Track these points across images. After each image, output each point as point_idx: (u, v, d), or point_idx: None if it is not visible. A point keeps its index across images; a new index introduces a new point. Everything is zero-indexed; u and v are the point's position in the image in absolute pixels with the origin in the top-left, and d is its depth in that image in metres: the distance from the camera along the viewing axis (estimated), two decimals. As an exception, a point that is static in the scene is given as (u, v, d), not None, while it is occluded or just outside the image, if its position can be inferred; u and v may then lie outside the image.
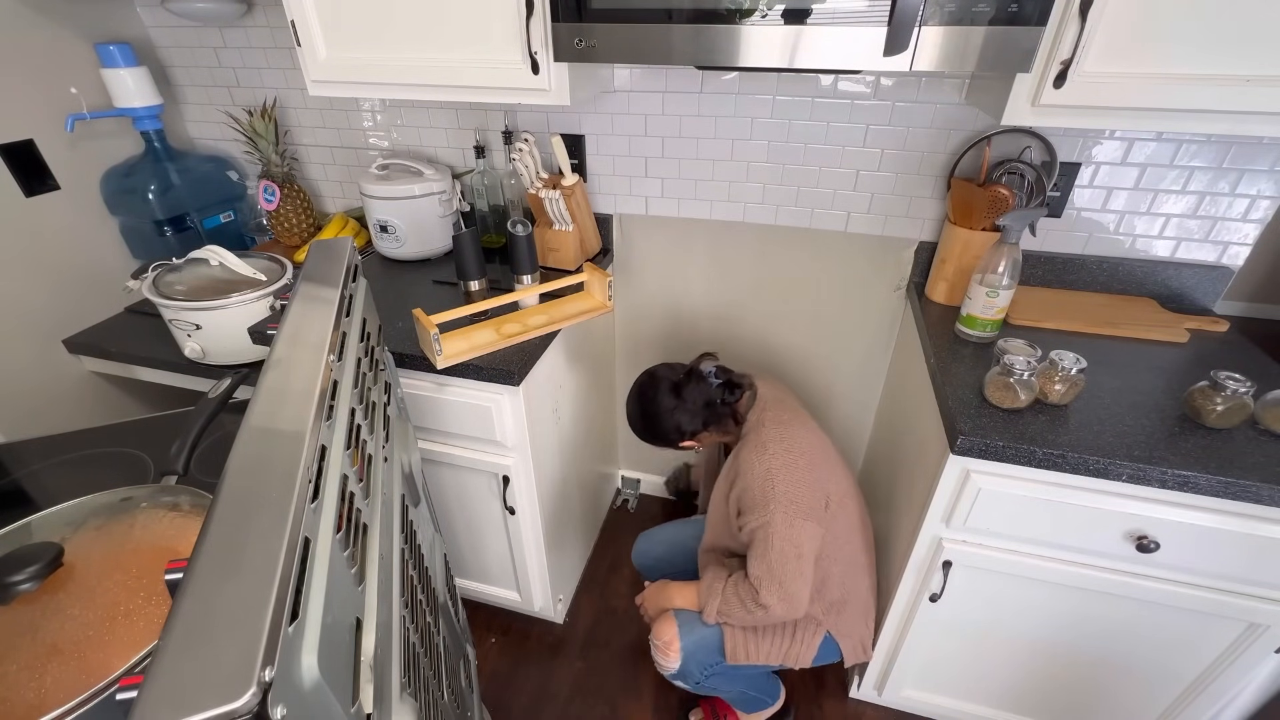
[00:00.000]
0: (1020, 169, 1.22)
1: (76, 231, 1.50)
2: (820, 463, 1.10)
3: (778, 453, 1.06)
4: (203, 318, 1.22)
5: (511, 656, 1.59)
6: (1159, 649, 1.08)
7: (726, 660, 1.15)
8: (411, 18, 1.10)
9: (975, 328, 1.16)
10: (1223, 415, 0.93)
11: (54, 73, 1.39)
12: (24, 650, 0.54)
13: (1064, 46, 0.87)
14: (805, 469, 1.06)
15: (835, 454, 1.17)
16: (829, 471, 1.12)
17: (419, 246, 1.51)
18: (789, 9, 0.89)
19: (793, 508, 1.03)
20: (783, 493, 1.03)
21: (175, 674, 0.32)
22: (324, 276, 0.73)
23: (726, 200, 1.48)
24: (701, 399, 1.12)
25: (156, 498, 0.74)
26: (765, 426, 1.10)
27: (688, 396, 1.12)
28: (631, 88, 1.39)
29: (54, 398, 1.46)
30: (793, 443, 1.08)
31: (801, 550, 1.03)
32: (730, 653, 1.15)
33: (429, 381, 1.19)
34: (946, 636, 1.20)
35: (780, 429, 1.09)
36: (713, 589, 1.12)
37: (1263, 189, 1.17)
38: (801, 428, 1.12)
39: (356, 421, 0.61)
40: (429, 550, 0.91)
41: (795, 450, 1.07)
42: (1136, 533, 0.95)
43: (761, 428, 1.10)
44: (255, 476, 0.45)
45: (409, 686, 0.60)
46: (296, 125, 1.67)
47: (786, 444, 1.07)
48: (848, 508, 1.15)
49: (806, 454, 1.08)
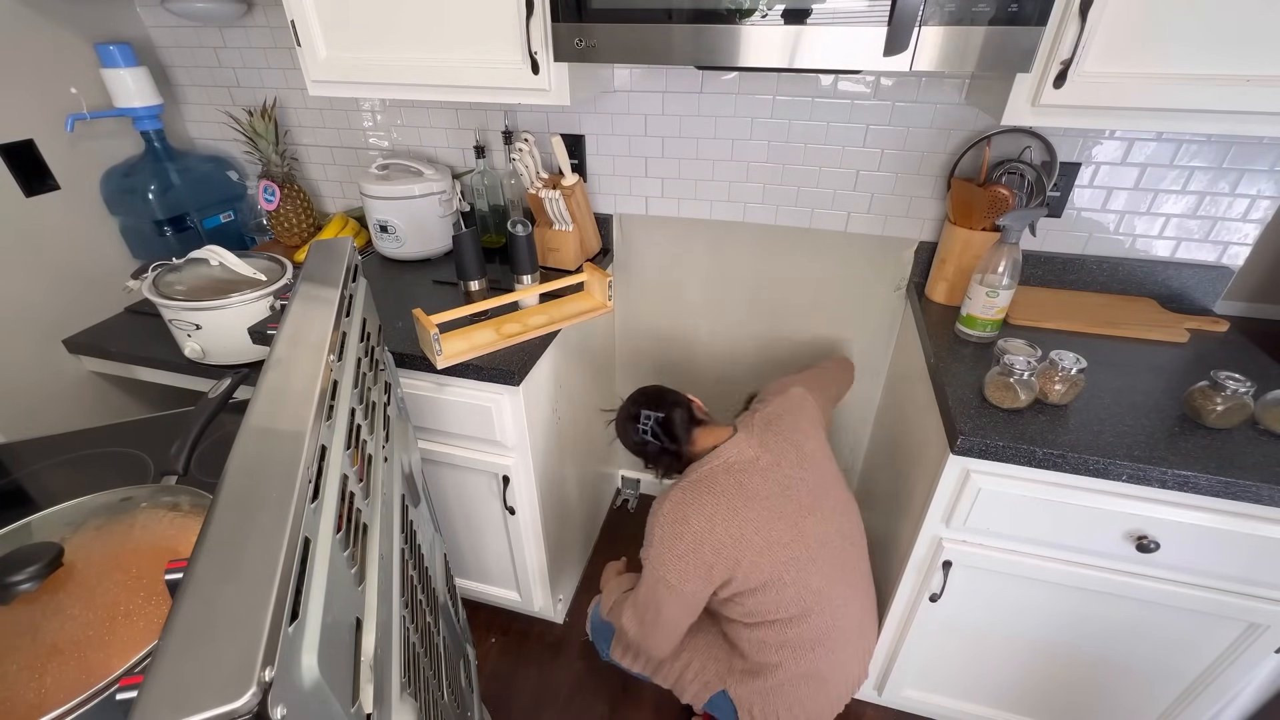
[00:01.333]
0: (1020, 169, 1.22)
1: (76, 231, 1.50)
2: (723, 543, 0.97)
3: (666, 521, 1.00)
4: (203, 318, 1.22)
5: (511, 656, 1.59)
6: (1159, 649, 1.08)
7: (610, 652, 1.24)
8: (412, 18, 1.10)
9: (975, 328, 1.16)
10: (1223, 415, 0.93)
11: (54, 73, 1.39)
12: (24, 650, 0.54)
13: (1064, 46, 0.87)
14: (688, 547, 0.97)
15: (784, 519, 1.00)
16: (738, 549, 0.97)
17: (419, 246, 1.51)
18: (789, 9, 0.89)
19: (659, 569, 1.00)
20: (655, 555, 1.00)
21: (175, 674, 0.32)
22: (324, 276, 0.73)
23: (726, 200, 1.48)
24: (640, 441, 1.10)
25: (156, 498, 0.74)
26: (680, 488, 1.02)
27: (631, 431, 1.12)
28: (631, 88, 1.39)
29: (54, 397, 1.47)
30: (687, 518, 0.98)
31: (660, 610, 1.02)
32: (613, 647, 1.23)
33: (429, 381, 1.19)
34: (946, 636, 1.20)
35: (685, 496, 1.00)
36: (617, 587, 1.17)
37: (1263, 189, 1.17)
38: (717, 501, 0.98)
39: (356, 421, 0.61)
40: (429, 550, 0.91)
41: (683, 526, 0.98)
42: (1136, 533, 0.95)
43: (680, 485, 1.02)
44: (255, 476, 0.45)
45: (409, 686, 0.60)
46: (296, 125, 1.67)
47: (678, 515, 0.99)
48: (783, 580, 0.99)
49: (694, 535, 0.97)
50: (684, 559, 0.98)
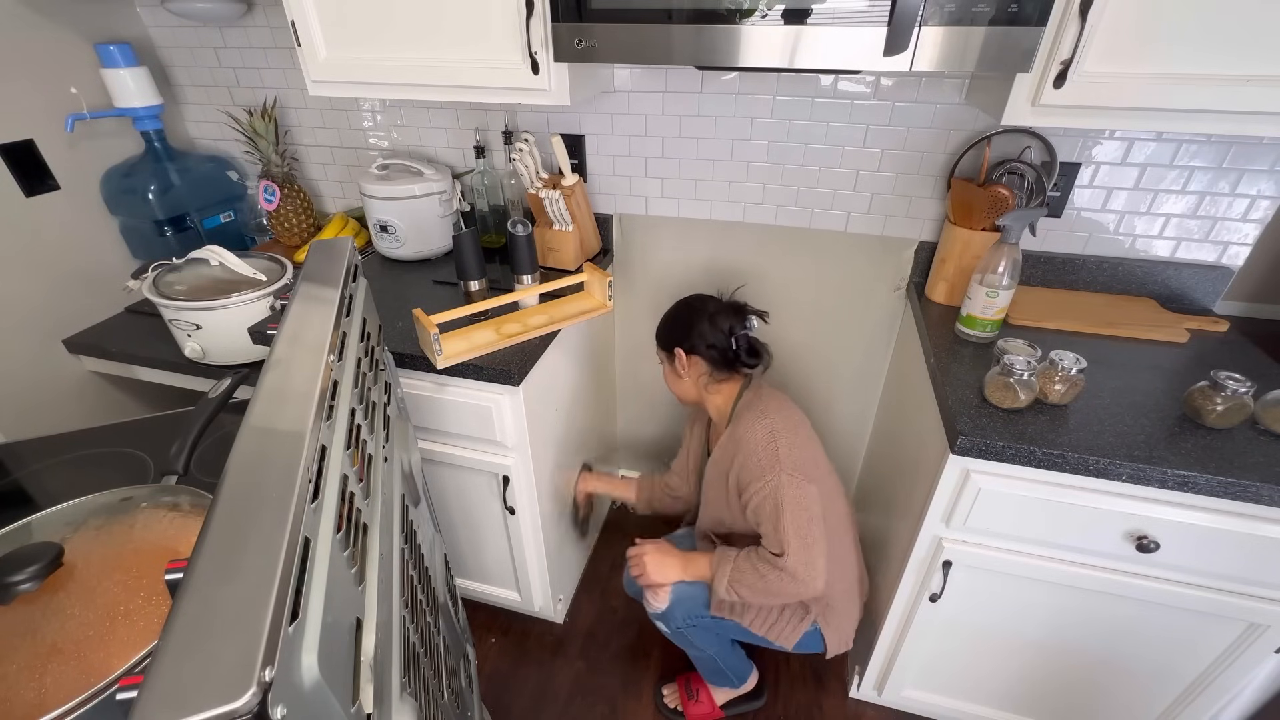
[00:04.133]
0: (1020, 169, 1.22)
1: (76, 231, 1.50)
2: (816, 445, 1.15)
3: (779, 418, 1.10)
4: (203, 318, 1.22)
5: (511, 656, 1.59)
6: (1159, 649, 1.08)
7: (710, 612, 1.19)
8: (412, 18, 1.10)
9: (975, 328, 1.16)
10: (1223, 415, 0.93)
11: (54, 73, 1.39)
12: (24, 650, 0.54)
13: (1064, 46, 0.87)
14: (806, 437, 1.12)
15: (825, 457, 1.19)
16: (824, 461, 1.16)
17: (419, 246, 1.51)
18: (789, 9, 0.89)
19: (798, 471, 1.05)
20: (785, 455, 1.05)
21: (175, 674, 0.32)
22: (324, 276, 0.73)
23: (726, 200, 1.48)
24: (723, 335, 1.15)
25: (156, 498, 0.74)
26: (763, 399, 1.14)
27: (719, 324, 1.15)
28: (631, 88, 1.39)
29: (54, 397, 1.47)
30: (791, 412, 1.14)
31: (812, 512, 1.04)
32: (715, 605, 1.17)
33: (429, 381, 1.19)
34: (946, 636, 1.20)
35: (777, 401, 1.15)
36: (724, 560, 1.11)
37: (1263, 189, 1.17)
38: (797, 410, 1.17)
39: (356, 421, 0.61)
40: (429, 550, 0.91)
41: (794, 419, 1.13)
42: (1136, 533, 0.95)
43: (759, 400, 1.14)
44: (255, 476, 0.45)
45: (409, 686, 0.60)
46: (296, 125, 1.67)
47: (785, 413, 1.13)
48: (837, 505, 1.18)
49: (805, 426, 1.14)
50: (808, 444, 1.12)
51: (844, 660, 1.55)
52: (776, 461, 1.04)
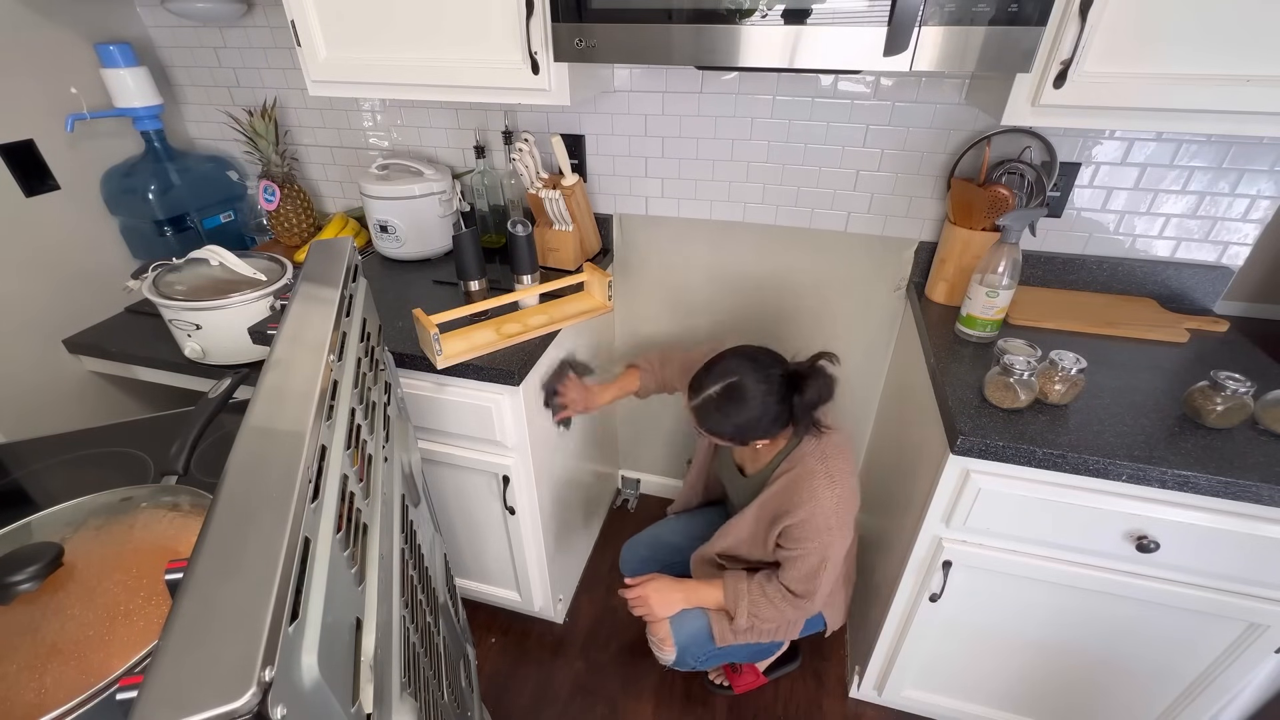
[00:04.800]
0: (1020, 169, 1.22)
1: (76, 231, 1.50)
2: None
3: (844, 486, 1.06)
4: (203, 318, 1.22)
5: (511, 656, 1.59)
6: (1159, 649, 1.08)
7: (716, 644, 1.21)
8: (411, 18, 1.10)
9: (975, 328, 1.16)
10: (1223, 415, 0.93)
11: (54, 73, 1.39)
12: (24, 650, 0.54)
13: (1064, 46, 0.87)
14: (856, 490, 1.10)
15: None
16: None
17: (419, 246, 1.51)
18: (789, 9, 0.89)
19: (849, 532, 1.09)
20: (845, 521, 1.07)
21: (175, 674, 0.32)
22: (324, 276, 0.73)
23: (726, 200, 1.48)
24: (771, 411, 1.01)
25: (156, 498, 0.74)
26: (829, 457, 1.06)
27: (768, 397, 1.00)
28: (631, 88, 1.39)
29: (54, 398, 1.47)
30: (853, 472, 1.09)
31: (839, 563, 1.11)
32: (720, 637, 1.20)
33: (429, 381, 1.19)
34: (946, 636, 1.20)
35: (842, 458, 1.07)
36: (738, 591, 1.14)
37: (1263, 189, 1.17)
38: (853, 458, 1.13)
39: (356, 421, 0.61)
40: (429, 550, 0.91)
41: (855, 480, 1.09)
42: (1136, 533, 0.95)
43: (825, 459, 1.06)
44: (255, 476, 0.45)
45: (409, 686, 0.60)
46: (296, 125, 1.67)
47: (848, 474, 1.07)
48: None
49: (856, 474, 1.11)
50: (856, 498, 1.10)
51: (844, 660, 1.55)
52: (837, 526, 1.05)
